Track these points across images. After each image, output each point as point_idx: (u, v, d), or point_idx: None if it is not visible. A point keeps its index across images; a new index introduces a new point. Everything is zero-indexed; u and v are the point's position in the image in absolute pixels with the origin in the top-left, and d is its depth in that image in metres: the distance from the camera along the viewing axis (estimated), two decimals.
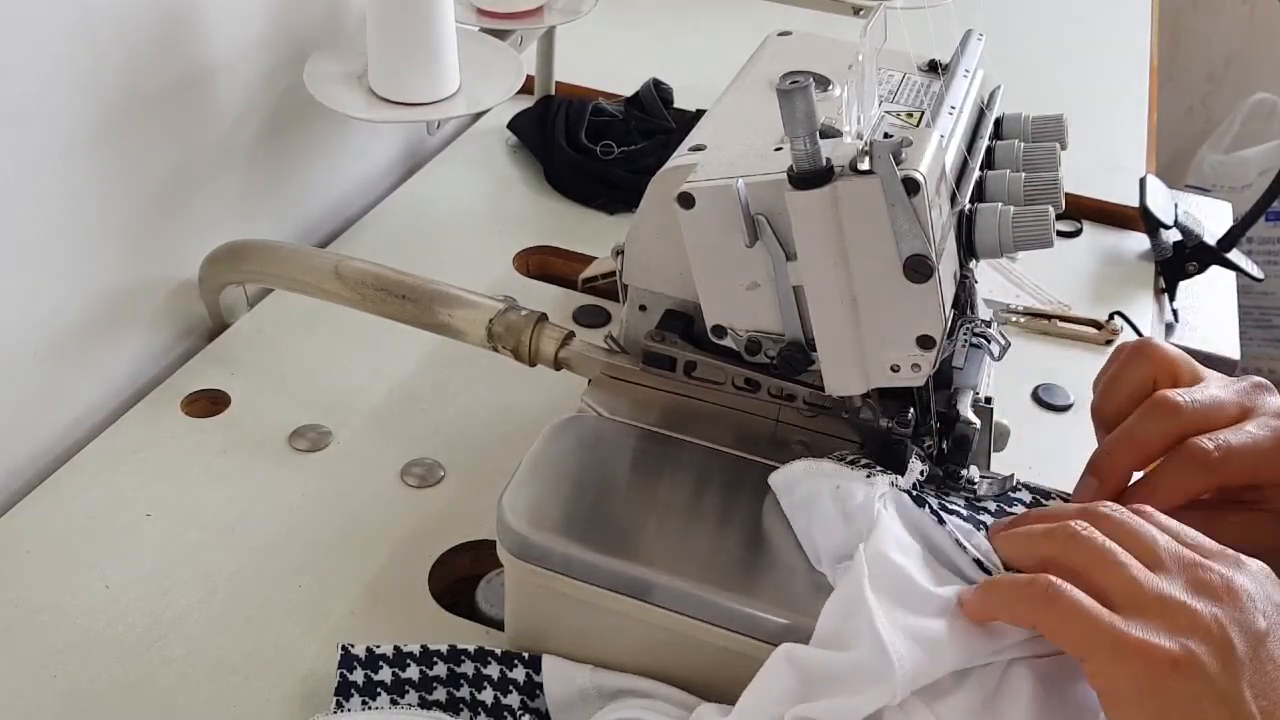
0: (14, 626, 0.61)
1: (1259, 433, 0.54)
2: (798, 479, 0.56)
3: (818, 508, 0.54)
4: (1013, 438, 0.69)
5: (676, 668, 0.55)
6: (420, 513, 0.69)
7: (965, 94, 0.64)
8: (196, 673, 0.59)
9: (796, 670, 0.48)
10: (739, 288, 0.56)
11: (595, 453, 0.60)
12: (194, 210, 0.80)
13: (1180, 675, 0.42)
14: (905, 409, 0.59)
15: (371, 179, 1.02)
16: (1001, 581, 0.47)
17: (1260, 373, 0.64)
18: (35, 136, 0.66)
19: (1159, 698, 0.42)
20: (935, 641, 0.47)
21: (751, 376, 0.61)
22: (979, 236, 0.58)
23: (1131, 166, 1.12)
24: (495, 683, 0.57)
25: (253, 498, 0.69)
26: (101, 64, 0.69)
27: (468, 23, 0.89)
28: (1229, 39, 2.36)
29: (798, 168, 0.51)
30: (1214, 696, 0.42)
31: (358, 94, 0.80)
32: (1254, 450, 0.53)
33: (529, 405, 0.77)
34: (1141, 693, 0.42)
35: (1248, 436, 0.54)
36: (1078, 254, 1.00)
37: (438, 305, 0.68)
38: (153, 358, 0.80)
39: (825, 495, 0.54)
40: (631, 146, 1.02)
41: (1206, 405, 0.55)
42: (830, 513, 0.53)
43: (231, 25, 0.79)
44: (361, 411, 0.76)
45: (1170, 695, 0.42)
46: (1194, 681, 0.42)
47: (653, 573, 0.53)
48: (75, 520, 0.67)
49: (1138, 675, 0.42)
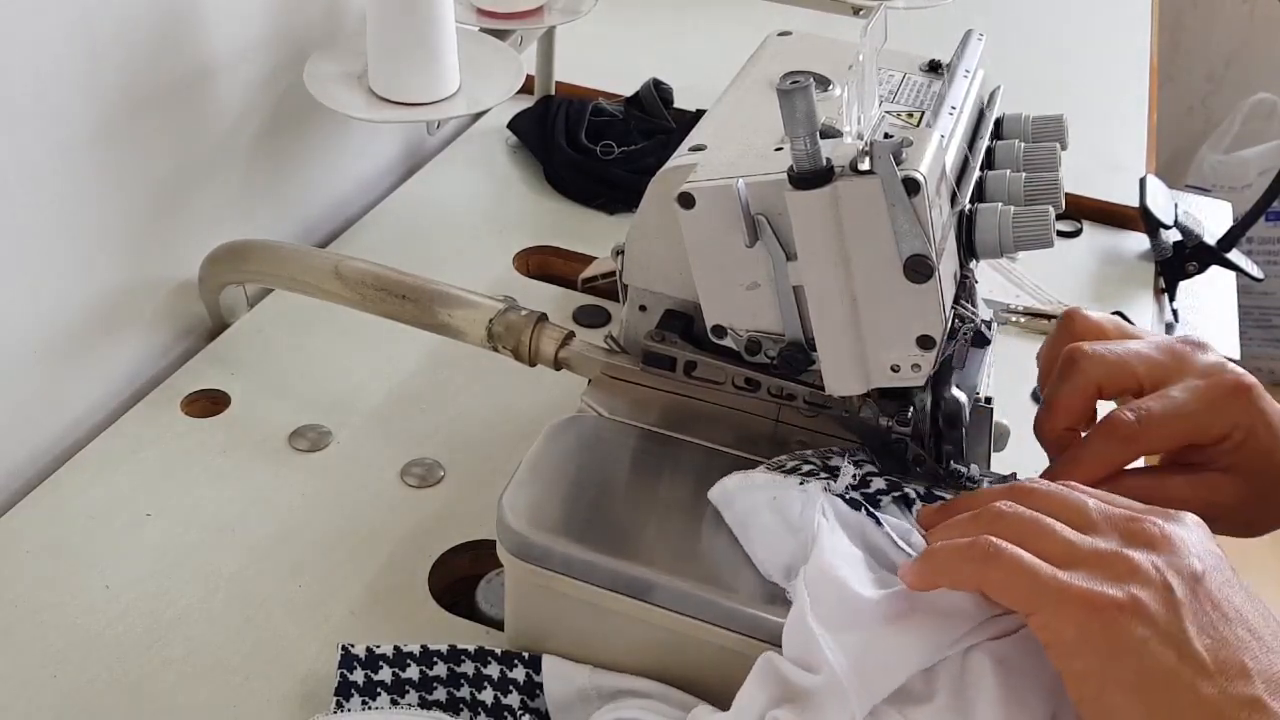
0: (14, 626, 0.61)
1: (1181, 396, 0.55)
2: (732, 494, 0.55)
3: (757, 522, 0.54)
4: (1013, 438, 0.69)
5: (676, 668, 0.55)
6: (420, 513, 0.69)
7: (965, 94, 0.64)
8: (196, 673, 0.59)
9: (776, 677, 0.49)
10: (739, 288, 0.56)
11: (595, 453, 0.60)
12: (194, 210, 0.81)
13: (1127, 618, 0.42)
14: (905, 409, 0.59)
15: (371, 179, 1.02)
16: (942, 547, 0.47)
17: (1260, 373, 0.65)
18: (35, 136, 0.66)
19: (1107, 642, 0.42)
20: (890, 651, 0.47)
21: (751, 376, 0.61)
22: (979, 236, 0.58)
23: (1131, 166, 1.12)
24: (495, 683, 0.57)
25: (253, 498, 0.69)
26: (101, 64, 0.69)
27: (468, 23, 0.89)
28: (1229, 39, 2.36)
29: (798, 168, 0.51)
30: (1160, 637, 0.42)
31: (358, 94, 0.80)
32: (1178, 413, 0.54)
33: (529, 405, 0.77)
34: (1090, 639, 0.43)
35: (1169, 401, 0.54)
36: (1078, 254, 1.00)
37: (438, 305, 0.68)
38: (153, 358, 0.80)
39: (763, 508, 0.54)
40: (631, 146, 1.02)
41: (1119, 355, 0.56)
42: (771, 525, 0.53)
43: (231, 25, 0.79)
44: (361, 411, 0.76)
45: (1119, 639, 0.42)
46: (1141, 624, 0.42)
47: (653, 573, 0.53)
48: (75, 520, 0.67)
49: (1084, 622, 0.43)
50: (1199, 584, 0.44)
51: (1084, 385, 0.56)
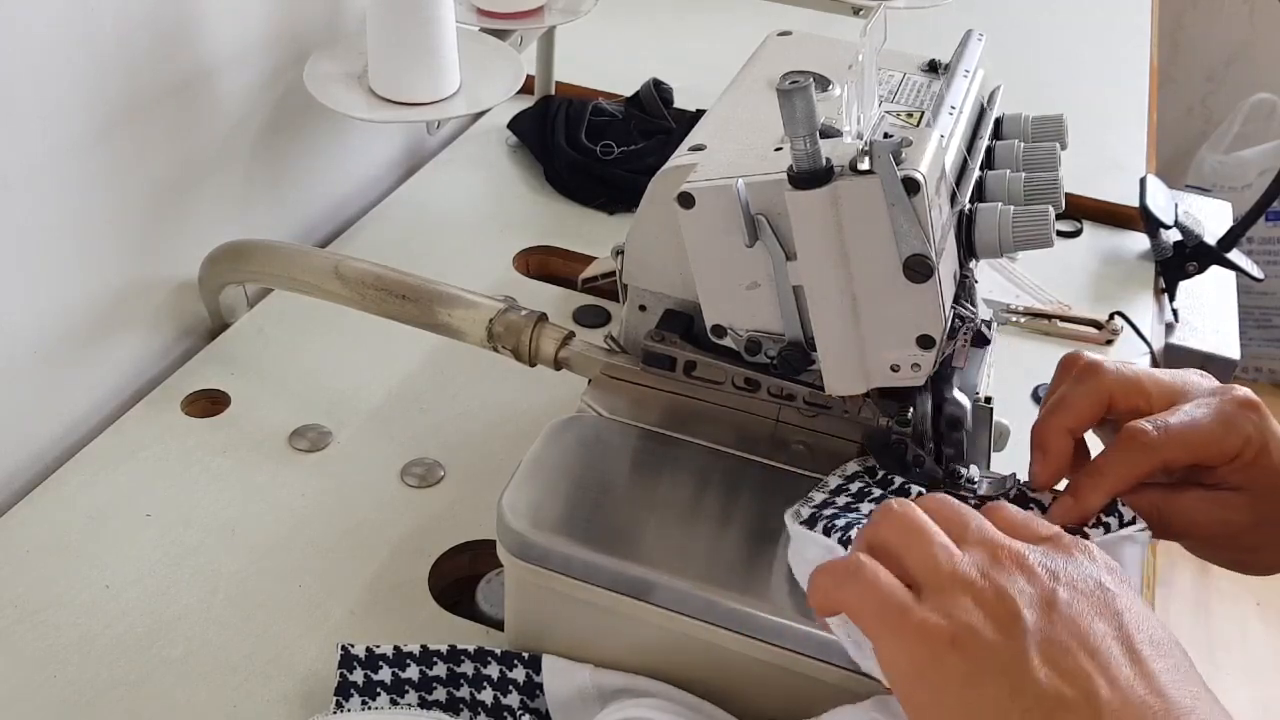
0: (14, 626, 0.61)
1: (1196, 410, 0.55)
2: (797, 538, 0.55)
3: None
4: (1013, 438, 0.69)
5: (676, 668, 0.55)
6: (420, 513, 0.69)
7: (965, 94, 0.64)
8: (196, 673, 0.59)
9: None
10: (739, 288, 0.56)
11: (595, 453, 0.60)
12: (194, 210, 0.81)
13: (956, 651, 0.41)
14: (905, 409, 0.59)
15: (371, 179, 1.02)
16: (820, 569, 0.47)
17: (1260, 373, 0.65)
18: (36, 136, 0.66)
19: (935, 674, 0.41)
20: None
21: (751, 376, 0.61)
22: (979, 236, 0.58)
23: (1131, 166, 1.12)
24: (495, 683, 0.57)
25: (253, 498, 0.69)
26: (102, 64, 0.69)
27: (468, 23, 0.89)
28: (1229, 39, 2.36)
29: (798, 168, 0.51)
30: (995, 669, 0.41)
31: (358, 94, 0.80)
32: (1194, 426, 0.54)
33: (529, 405, 0.77)
34: (919, 670, 0.42)
35: (1185, 415, 0.54)
36: (1078, 254, 1.00)
37: (438, 305, 0.68)
38: (153, 358, 0.81)
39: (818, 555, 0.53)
40: (631, 146, 1.02)
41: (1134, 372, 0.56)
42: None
43: (232, 25, 0.79)
44: (361, 411, 0.76)
45: (946, 671, 0.41)
46: (971, 657, 0.41)
47: (653, 573, 0.53)
48: (75, 520, 0.67)
49: (915, 653, 0.42)
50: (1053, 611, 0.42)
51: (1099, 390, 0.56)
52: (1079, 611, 0.42)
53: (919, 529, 0.45)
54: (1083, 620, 0.42)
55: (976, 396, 0.62)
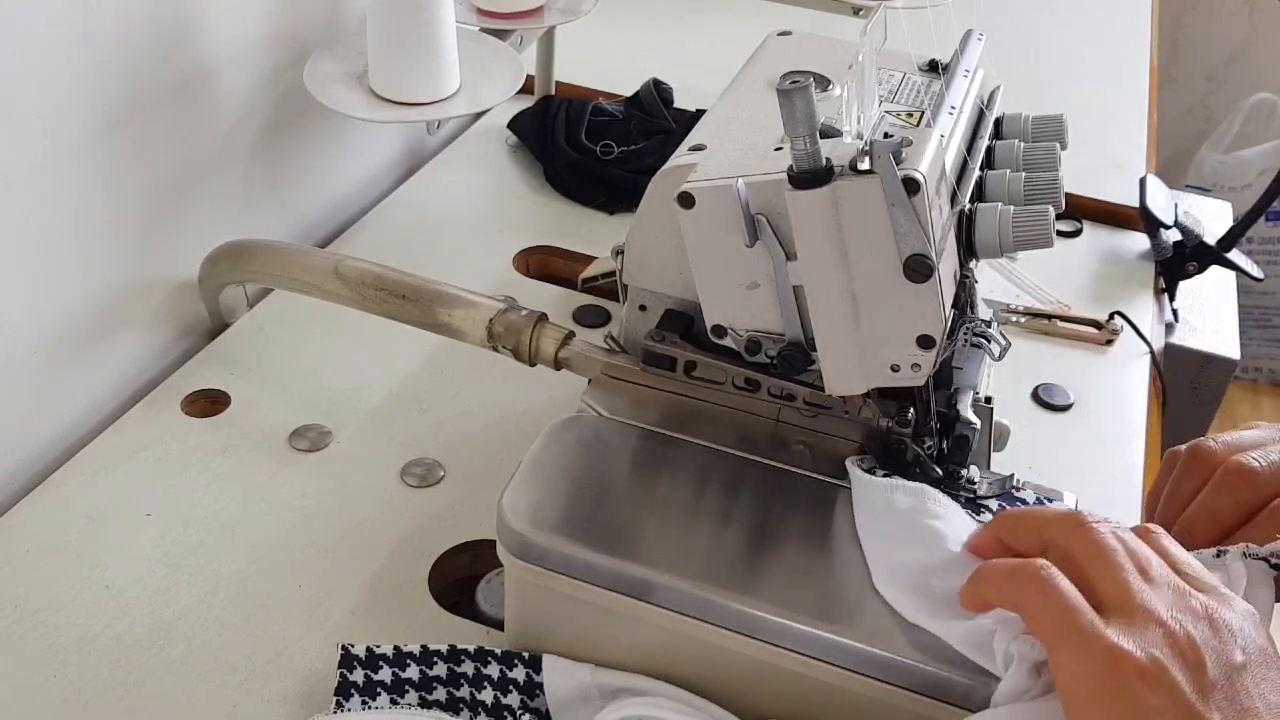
0: (14, 626, 0.61)
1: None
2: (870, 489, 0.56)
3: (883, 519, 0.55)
4: (1013, 438, 0.69)
5: (677, 667, 0.55)
6: (420, 513, 0.69)
7: (965, 94, 0.64)
8: (196, 673, 0.59)
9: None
10: (739, 288, 0.56)
11: (595, 453, 0.60)
12: (194, 210, 0.81)
13: (1145, 684, 0.41)
14: (905, 409, 0.59)
15: (371, 179, 1.02)
16: (994, 565, 0.47)
17: (1260, 372, 0.64)
18: (36, 136, 0.66)
19: (1117, 702, 0.41)
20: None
21: (751, 376, 0.61)
22: (979, 236, 0.58)
23: (1131, 166, 1.12)
24: (495, 682, 0.57)
25: (253, 498, 0.69)
26: (102, 64, 0.69)
27: (468, 23, 0.89)
28: (1229, 39, 2.36)
29: (798, 168, 0.51)
30: (1177, 711, 0.41)
31: (358, 94, 0.80)
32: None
33: (529, 405, 0.77)
34: (1101, 693, 0.42)
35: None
36: (1078, 254, 1.00)
37: (438, 305, 0.68)
38: (153, 358, 0.81)
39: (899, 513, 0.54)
40: (631, 146, 1.02)
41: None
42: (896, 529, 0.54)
43: (231, 25, 0.79)
44: (361, 411, 0.76)
45: (1129, 701, 0.41)
46: (1157, 693, 0.41)
47: (653, 573, 0.53)
48: (75, 520, 0.67)
49: (1103, 677, 0.42)
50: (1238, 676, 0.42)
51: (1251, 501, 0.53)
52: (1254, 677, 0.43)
53: (1110, 550, 0.45)
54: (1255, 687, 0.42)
55: (976, 396, 0.62)
